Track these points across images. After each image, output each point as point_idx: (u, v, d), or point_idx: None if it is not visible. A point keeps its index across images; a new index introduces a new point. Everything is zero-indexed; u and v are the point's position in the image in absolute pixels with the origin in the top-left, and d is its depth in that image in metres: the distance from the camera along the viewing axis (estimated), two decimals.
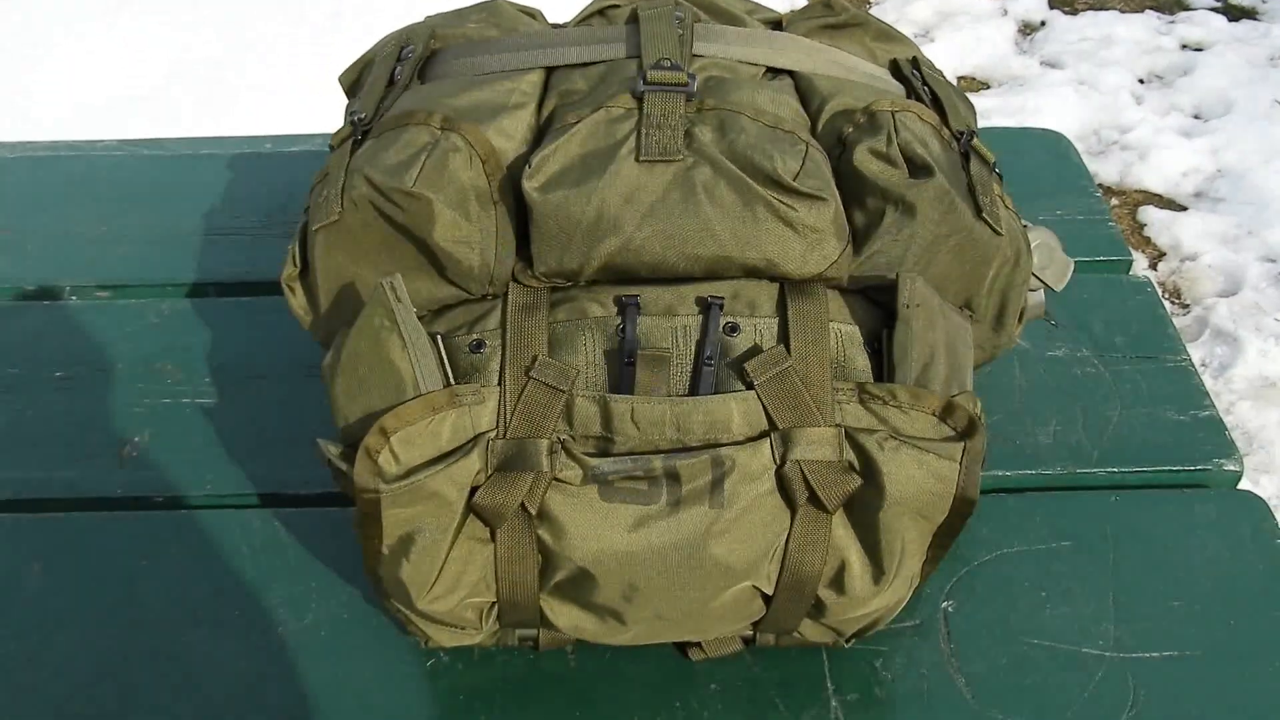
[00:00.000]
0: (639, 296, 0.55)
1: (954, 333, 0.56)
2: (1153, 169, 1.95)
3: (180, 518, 0.71)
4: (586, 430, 0.53)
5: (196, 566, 0.69)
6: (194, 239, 0.92)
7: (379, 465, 0.51)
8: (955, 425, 0.53)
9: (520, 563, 0.55)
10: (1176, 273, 1.77)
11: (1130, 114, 2.08)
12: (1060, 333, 0.83)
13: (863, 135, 0.58)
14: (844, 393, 0.54)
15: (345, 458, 0.53)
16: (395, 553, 0.54)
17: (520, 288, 0.56)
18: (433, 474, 0.52)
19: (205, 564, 0.69)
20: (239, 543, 0.70)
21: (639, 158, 0.54)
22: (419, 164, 0.55)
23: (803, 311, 0.55)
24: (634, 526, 0.53)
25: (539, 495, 0.53)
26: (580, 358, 0.54)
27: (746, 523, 0.53)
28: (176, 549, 0.70)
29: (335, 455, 0.54)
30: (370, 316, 0.53)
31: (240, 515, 0.71)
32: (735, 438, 0.53)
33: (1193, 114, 2.08)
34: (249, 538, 0.70)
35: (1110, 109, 2.09)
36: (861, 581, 0.56)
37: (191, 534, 0.70)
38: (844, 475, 0.53)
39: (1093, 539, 0.70)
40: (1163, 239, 1.83)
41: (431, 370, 0.53)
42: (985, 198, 0.58)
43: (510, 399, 0.53)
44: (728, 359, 0.54)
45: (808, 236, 0.55)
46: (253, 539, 0.70)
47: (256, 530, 0.71)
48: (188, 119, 1.79)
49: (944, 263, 0.58)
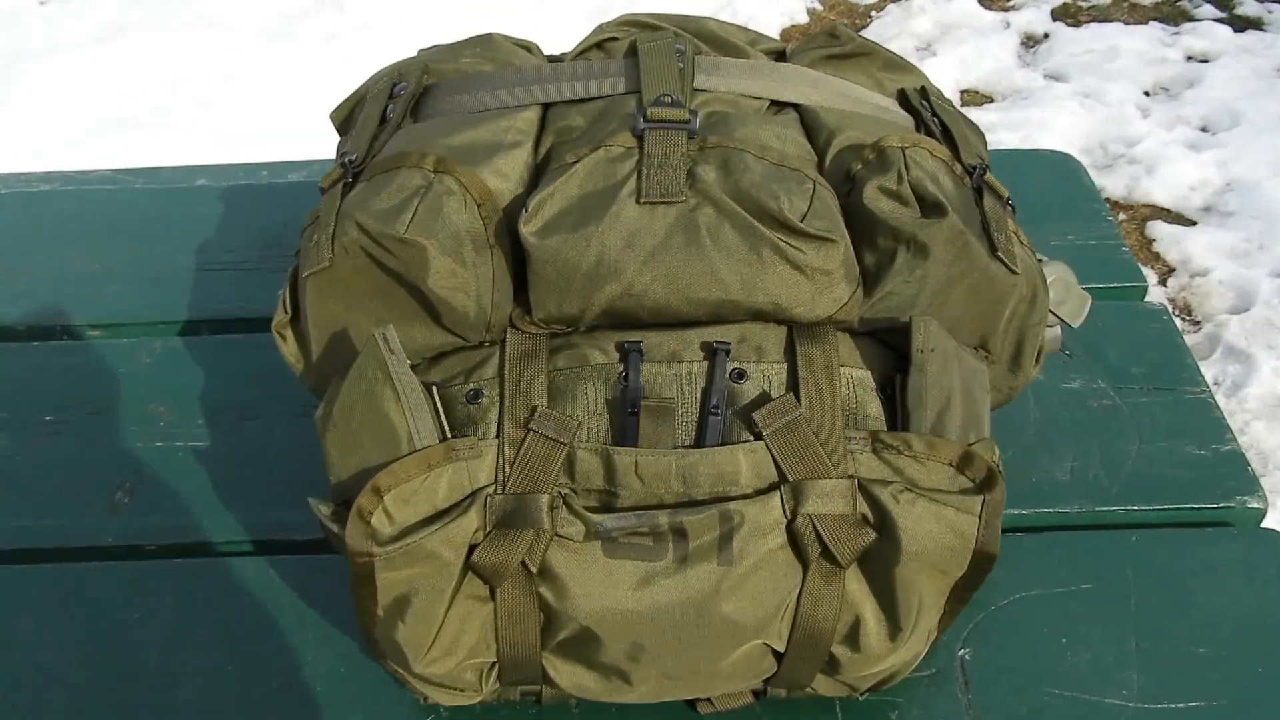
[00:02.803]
0: (641, 342, 0.54)
1: (970, 377, 0.54)
2: (1160, 183, 1.93)
3: (174, 567, 0.70)
4: (589, 484, 0.52)
5: (190, 617, 0.67)
6: (187, 274, 0.91)
7: (372, 527, 0.49)
8: (974, 476, 0.51)
9: (521, 622, 0.53)
10: (1186, 289, 1.75)
11: (1136, 127, 2.06)
12: (1074, 363, 0.81)
13: (872, 172, 0.56)
14: (857, 442, 0.52)
15: (337, 517, 0.51)
16: (390, 615, 0.52)
17: (518, 334, 0.55)
18: (429, 534, 0.50)
19: (199, 615, 0.67)
20: (234, 592, 0.68)
21: (640, 199, 0.53)
22: (412, 209, 0.54)
23: (812, 356, 0.53)
24: (639, 585, 0.51)
25: (540, 553, 0.51)
26: (581, 407, 0.53)
27: (756, 579, 0.51)
28: (170, 599, 0.68)
29: (327, 515, 0.52)
30: (362, 369, 0.52)
31: (235, 563, 0.70)
32: (744, 490, 0.51)
33: (1200, 126, 2.07)
34: (244, 586, 0.69)
35: (1116, 122, 2.07)
36: (877, 638, 0.54)
37: (185, 583, 0.69)
38: (858, 529, 0.51)
39: (1113, 581, 0.68)
40: (1172, 254, 1.81)
41: (427, 424, 0.51)
42: (1000, 235, 0.57)
43: (509, 452, 0.52)
44: (735, 407, 0.52)
45: (816, 279, 0.53)
46: (248, 588, 0.69)
47: (252, 579, 0.69)
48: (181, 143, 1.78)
49: (958, 303, 0.56)
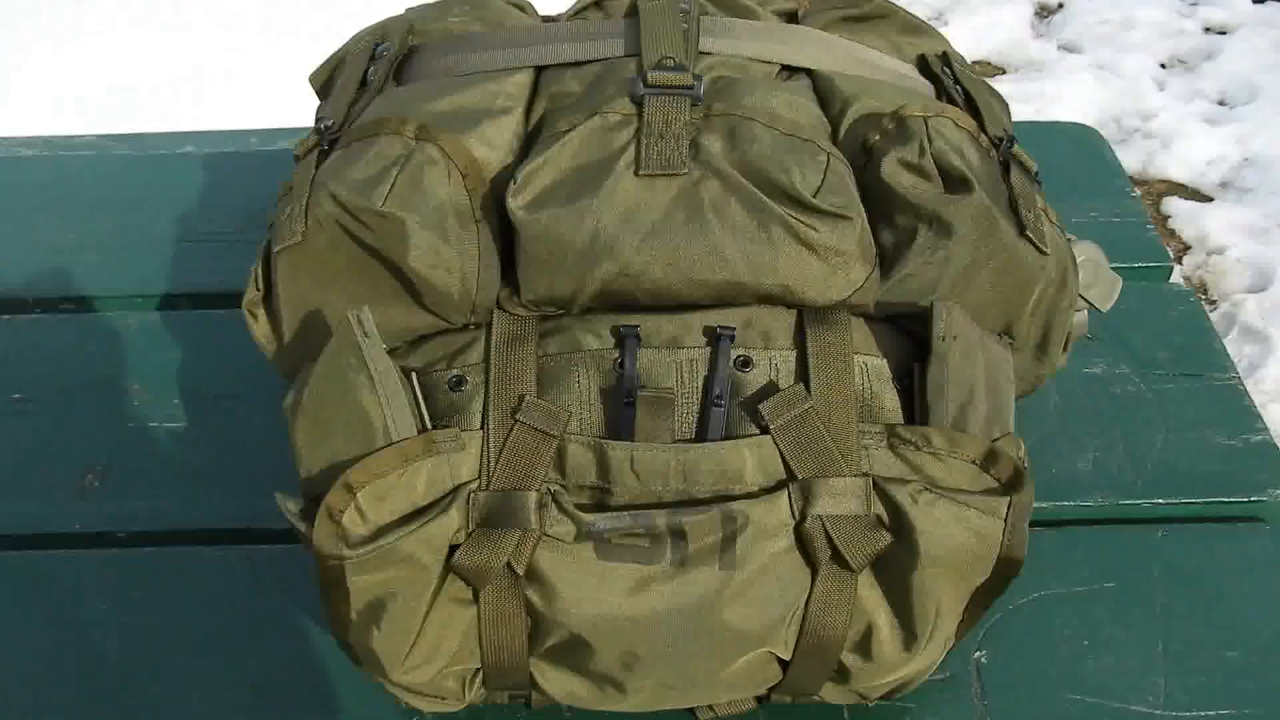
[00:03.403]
0: (639, 327, 0.50)
1: (994, 366, 0.50)
2: (1176, 158, 1.89)
3: (145, 555, 0.67)
4: (580, 480, 0.48)
5: (160, 611, 0.64)
6: (167, 246, 0.87)
7: (343, 527, 0.45)
8: (999, 475, 0.48)
9: (507, 627, 0.49)
10: (1203, 267, 1.71)
11: (1152, 100, 2.00)
12: (1097, 347, 0.77)
13: (891, 144, 0.52)
14: (871, 436, 0.48)
15: (306, 515, 0.48)
16: (365, 620, 0.48)
17: (506, 317, 0.51)
18: (405, 535, 0.46)
19: (170, 608, 0.64)
20: (209, 584, 0.65)
21: (639, 171, 0.49)
22: (390, 179, 0.50)
23: (824, 343, 0.50)
24: (634, 589, 0.47)
25: (526, 554, 0.47)
26: (573, 397, 0.49)
27: (761, 585, 0.48)
28: (140, 591, 0.65)
29: (294, 513, 0.48)
30: (334, 354, 0.48)
31: (212, 553, 0.67)
32: (749, 489, 0.48)
33: (1218, 100, 2.02)
34: (220, 578, 0.65)
35: (1131, 95, 2.01)
36: (890, 647, 0.50)
37: (157, 574, 0.66)
38: (872, 532, 0.47)
39: (1138, 579, 0.65)
40: (1188, 232, 1.76)
41: (404, 414, 0.47)
42: (1029, 213, 0.53)
43: (494, 445, 0.48)
44: (739, 398, 0.49)
45: (830, 260, 0.49)
46: (225, 580, 0.65)
47: (229, 570, 0.66)
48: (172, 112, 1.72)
49: (982, 287, 0.52)
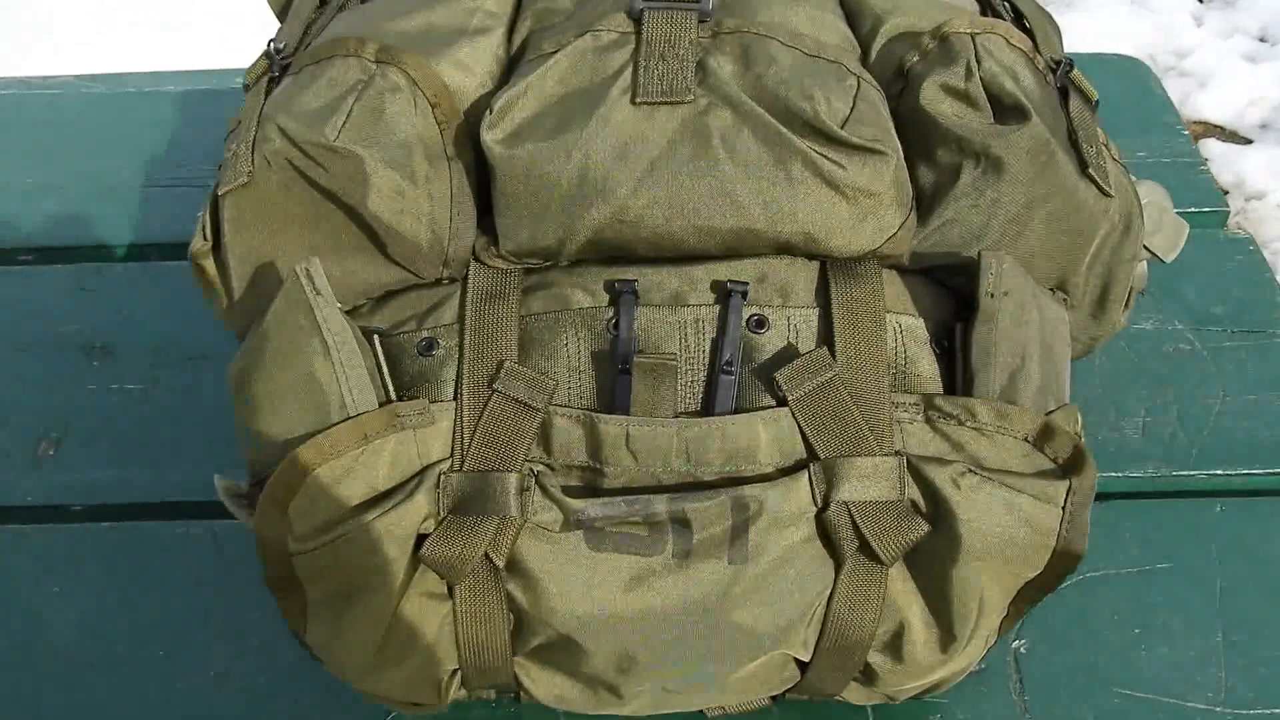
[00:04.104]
0: (637, 281, 0.44)
1: (1050, 328, 0.44)
2: (1214, 98, 1.82)
3: (102, 532, 0.61)
4: (568, 459, 0.42)
5: (118, 593, 0.59)
6: (135, 192, 0.81)
7: (289, 517, 0.39)
8: (1055, 455, 0.41)
9: (486, 625, 0.43)
10: (1241, 213, 1.64)
11: (1189, 37, 1.92)
12: (1147, 301, 0.71)
13: (932, 66, 0.45)
14: (906, 409, 0.42)
15: (251, 500, 0.41)
16: (321, 620, 0.42)
17: (483, 270, 0.45)
18: (365, 524, 0.40)
19: (129, 589, 0.59)
20: (172, 562, 0.60)
21: (636, 99, 0.43)
22: (345, 109, 0.43)
23: (851, 300, 0.43)
24: (631, 584, 0.41)
25: (506, 544, 0.41)
26: (560, 363, 0.43)
27: (777, 580, 0.42)
28: (96, 570, 0.60)
29: (234, 499, 0.42)
30: (281, 314, 0.41)
31: (175, 529, 0.61)
32: (763, 470, 0.42)
33: (1258, 36, 1.95)
34: (184, 557, 0.60)
35: (1167, 31, 1.94)
36: (924, 647, 0.44)
37: (115, 551, 0.60)
38: (906, 520, 0.41)
39: (1195, 559, 0.59)
40: (1225, 176, 1.70)
41: (363, 383, 0.41)
42: (1090, 148, 0.46)
43: (469, 419, 0.42)
44: (753, 364, 0.43)
45: (859, 202, 0.42)
46: (188, 558, 0.60)
47: (193, 548, 0.61)
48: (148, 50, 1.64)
49: (1036, 234, 0.45)
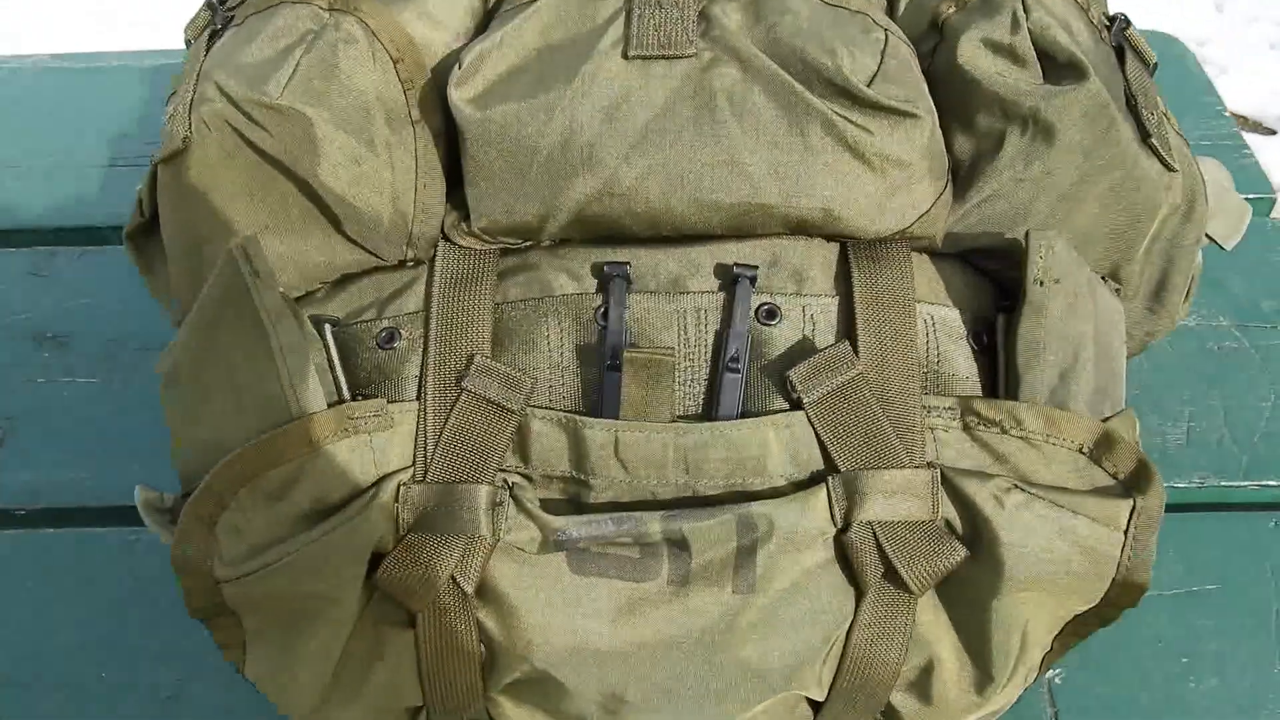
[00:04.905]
0: (629, 264, 0.39)
1: (1106, 321, 0.39)
2: (1235, 87, 1.79)
3: (46, 538, 0.57)
4: (548, 469, 0.37)
5: (60, 607, 0.54)
6: (97, 170, 0.76)
7: (216, 538, 0.33)
8: (1115, 469, 0.36)
9: (453, 658, 0.38)
10: None
11: (1209, 24, 1.90)
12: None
13: (972, 17, 0.40)
14: (940, 414, 0.37)
15: (175, 515, 0.36)
16: (262, 655, 0.37)
17: (453, 251, 0.40)
18: (308, 546, 0.34)
19: (72, 603, 0.55)
20: (121, 573, 0.55)
21: (629, 52, 0.38)
22: (291, 63, 0.38)
23: (877, 287, 0.38)
24: (619, 615, 0.36)
25: (476, 566, 0.36)
26: (540, 358, 0.37)
27: (790, 611, 0.37)
28: (37, 580, 0.56)
29: (156, 514, 0.36)
30: (215, 299, 0.36)
31: (126, 535, 0.57)
32: (774, 483, 0.37)
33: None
34: (134, 566, 0.56)
35: (1186, 17, 1.90)
36: (957, 688, 0.39)
37: (59, 560, 0.56)
38: (940, 543, 0.36)
39: (1247, 580, 0.54)
40: None
41: (309, 379, 0.36)
42: (1150, 115, 0.40)
43: (434, 422, 0.37)
44: (762, 361, 0.37)
45: (887, 173, 0.37)
46: (139, 568, 0.56)
47: (146, 556, 0.56)
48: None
49: (1090, 213, 0.40)
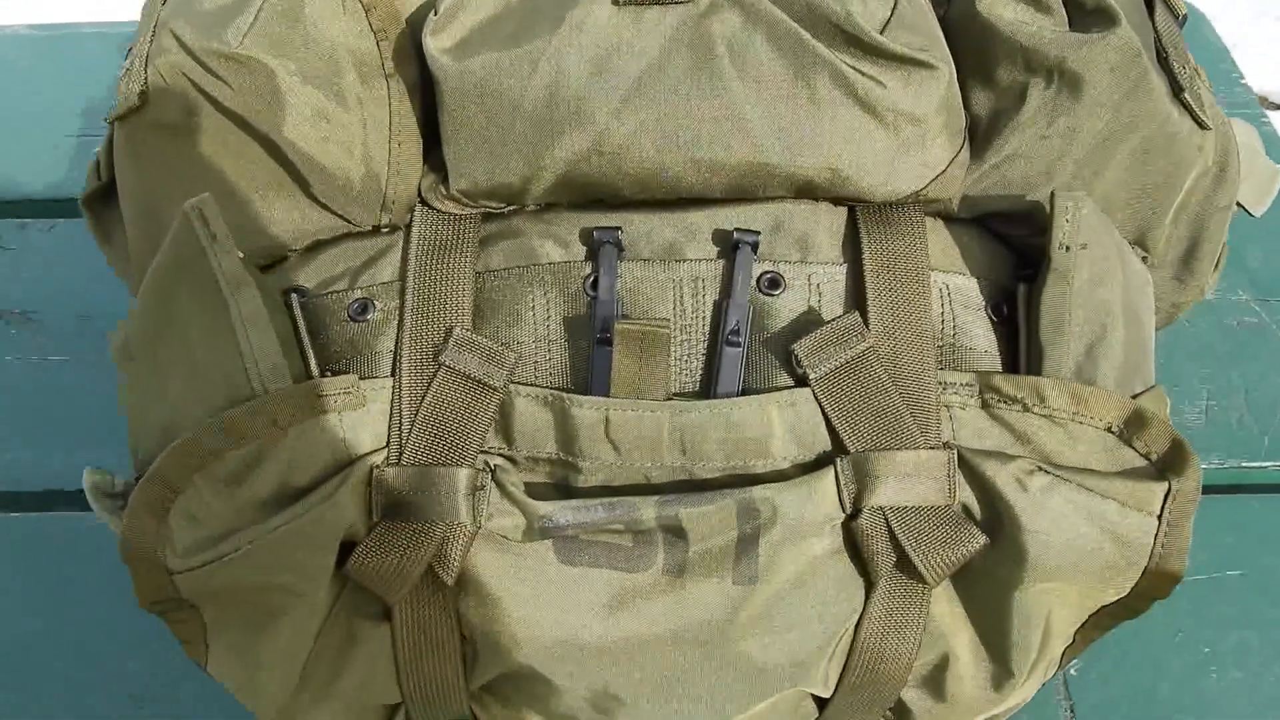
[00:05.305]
0: (620, 229, 0.37)
1: (1135, 291, 0.36)
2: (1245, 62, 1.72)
3: (11, 522, 0.56)
4: (534, 450, 0.34)
5: (23, 595, 0.53)
6: (68, 141, 0.74)
7: (169, 526, 0.31)
8: (1148, 449, 0.33)
9: (433, 654, 0.35)
10: None
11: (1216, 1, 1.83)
12: None
13: None
14: (956, 391, 0.35)
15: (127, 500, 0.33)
16: (225, 649, 0.34)
17: (431, 215, 0.37)
18: (272, 534, 0.32)
19: (36, 592, 0.53)
20: (88, 561, 0.53)
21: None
22: (252, 9, 0.35)
23: (888, 255, 0.36)
24: (611, 608, 0.34)
25: (457, 556, 0.34)
26: (525, 330, 0.35)
27: (794, 604, 0.34)
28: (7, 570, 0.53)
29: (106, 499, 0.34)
30: (169, 266, 0.33)
31: (85, 523, 0.55)
32: (777, 465, 0.35)
33: None
34: (103, 554, 0.53)
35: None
36: (973, 684, 0.36)
37: (23, 546, 0.54)
38: (957, 530, 0.33)
39: (1272, 565, 0.52)
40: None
41: (274, 353, 0.33)
42: (1182, 69, 0.37)
43: (409, 399, 0.34)
44: (765, 334, 0.35)
45: (900, 130, 0.35)
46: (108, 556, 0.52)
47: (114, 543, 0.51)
48: None
49: (1117, 174, 0.37)
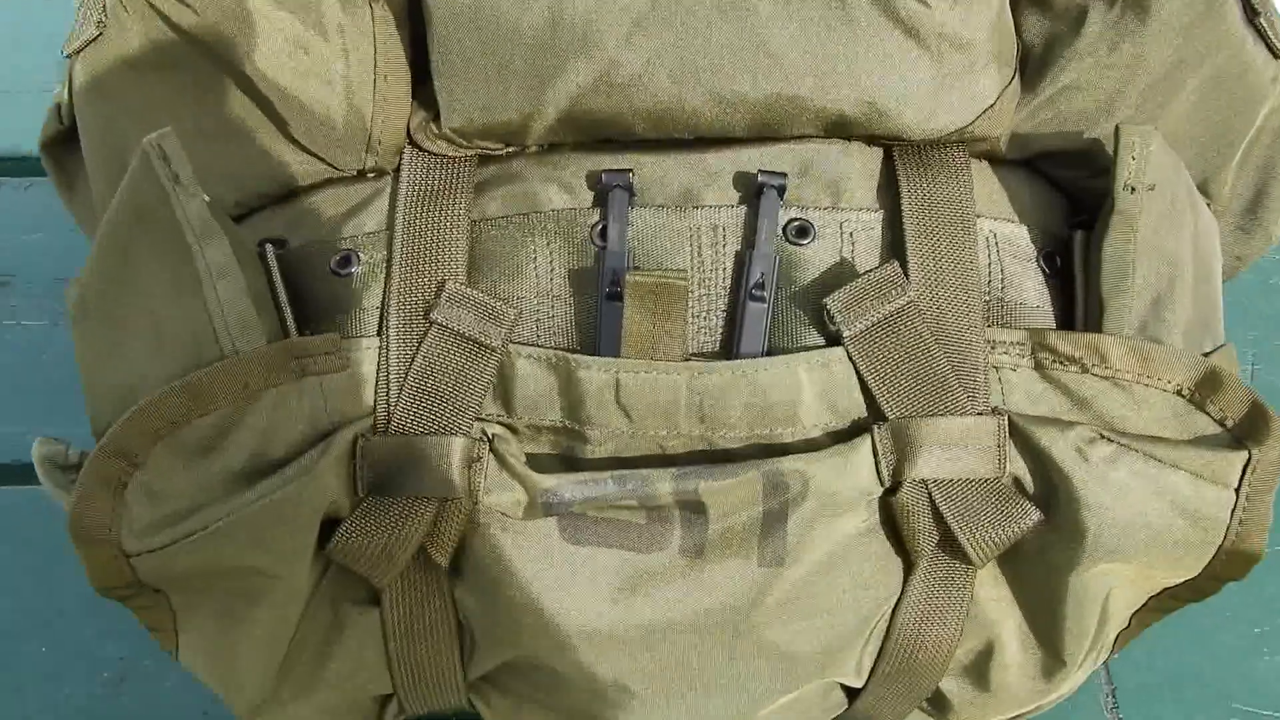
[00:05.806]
0: (631, 171, 0.33)
1: (1205, 239, 0.33)
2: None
3: None
4: (536, 418, 0.31)
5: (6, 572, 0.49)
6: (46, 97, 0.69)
7: (125, 503, 0.28)
8: (1223, 414, 0.30)
9: (426, 639, 0.33)
10: None
11: None
12: None
13: None
14: (1007, 350, 0.31)
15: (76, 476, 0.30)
16: (197, 638, 0.31)
17: (421, 158, 0.34)
18: (243, 510, 0.29)
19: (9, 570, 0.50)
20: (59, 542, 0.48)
21: None
22: None
23: (929, 200, 0.33)
24: (622, 591, 0.31)
25: (452, 535, 0.31)
26: (526, 284, 0.32)
27: (826, 587, 0.31)
28: None
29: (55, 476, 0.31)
30: (126, 210, 0.30)
31: None
32: (807, 434, 0.32)
33: None
34: None
35: None
36: (1020, 673, 0.34)
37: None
38: (1007, 505, 0.31)
39: None
40: None
41: (245, 310, 0.30)
42: None
43: (398, 361, 0.31)
44: (793, 288, 0.32)
45: (945, 57, 0.31)
46: None
47: None
48: None
49: (1184, 108, 0.34)
